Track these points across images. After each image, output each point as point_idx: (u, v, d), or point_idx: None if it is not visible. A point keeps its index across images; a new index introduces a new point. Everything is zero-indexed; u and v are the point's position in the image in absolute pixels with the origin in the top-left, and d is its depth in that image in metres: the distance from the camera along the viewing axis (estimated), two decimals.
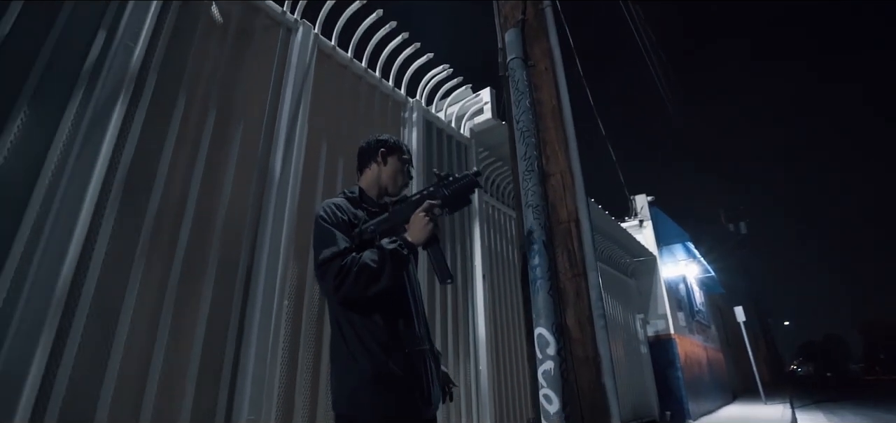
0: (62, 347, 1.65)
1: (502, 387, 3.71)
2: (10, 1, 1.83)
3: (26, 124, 1.75)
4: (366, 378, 1.37)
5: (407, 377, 1.43)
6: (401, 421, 1.37)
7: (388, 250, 1.40)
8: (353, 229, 1.54)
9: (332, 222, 1.51)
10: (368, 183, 1.71)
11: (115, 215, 1.88)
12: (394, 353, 1.42)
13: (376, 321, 1.44)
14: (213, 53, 2.41)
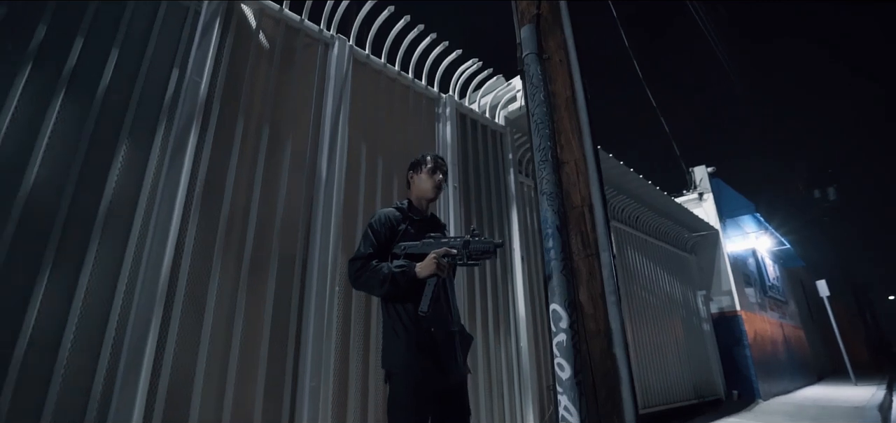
0: (167, 328, 2.09)
1: (542, 362, 3.87)
2: (111, 51, 2.29)
3: (127, 154, 2.20)
4: (402, 346, 1.80)
5: (431, 348, 1.73)
6: (423, 380, 1.74)
7: (393, 273, 1.79)
8: (394, 236, 1.93)
9: (374, 229, 1.94)
10: (413, 196, 2.10)
11: (197, 220, 2.30)
12: (422, 330, 1.78)
13: (410, 307, 1.84)
14: (263, 76, 2.78)
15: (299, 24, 3.02)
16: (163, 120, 2.32)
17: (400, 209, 2.04)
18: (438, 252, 1.80)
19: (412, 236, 1.99)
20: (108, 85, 2.22)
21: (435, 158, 2.10)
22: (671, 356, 6.99)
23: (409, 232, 2.00)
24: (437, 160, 2.09)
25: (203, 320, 2.22)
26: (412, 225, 2.00)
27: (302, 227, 2.71)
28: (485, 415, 3.31)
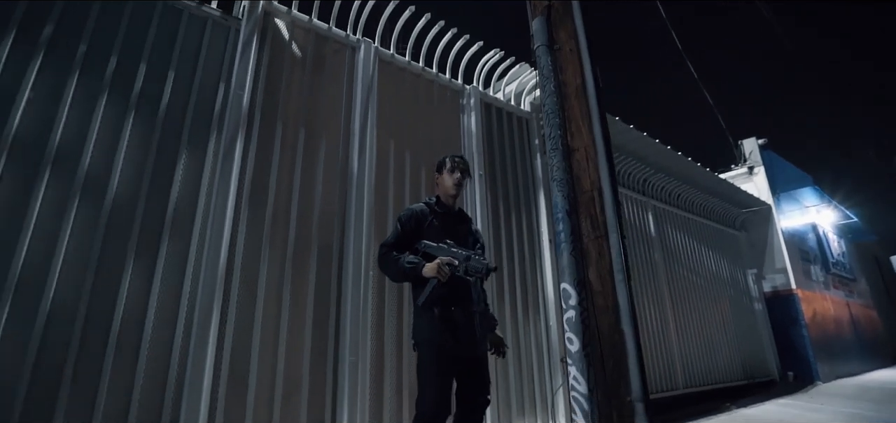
0: (227, 307, 2.43)
1: None
2: (169, 73, 2.64)
3: (186, 162, 2.54)
4: (426, 321, 2.01)
5: (452, 324, 1.99)
6: (445, 349, 1.96)
7: (405, 268, 2.02)
8: (421, 228, 2.16)
9: (401, 222, 2.16)
10: (440, 193, 2.29)
11: (246, 216, 2.62)
12: (444, 308, 2.00)
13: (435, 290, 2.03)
14: (297, 83, 3.06)
15: (327, 31, 3.27)
16: (213, 131, 2.65)
17: (428, 205, 2.26)
18: (442, 260, 1.98)
19: (437, 228, 2.18)
20: (168, 103, 2.57)
21: (453, 158, 2.27)
22: (718, 336, 6.80)
23: (434, 224, 2.19)
24: (455, 160, 2.26)
25: (256, 301, 2.55)
26: (438, 219, 2.20)
27: (337, 219, 2.98)
28: (515, 389, 3.48)
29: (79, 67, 2.38)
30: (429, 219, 2.20)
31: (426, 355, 1.98)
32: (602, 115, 2.29)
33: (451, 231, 2.19)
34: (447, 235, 2.15)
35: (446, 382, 1.97)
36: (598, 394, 1.94)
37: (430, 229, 2.17)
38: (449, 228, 2.19)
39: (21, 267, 2.03)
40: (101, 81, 2.43)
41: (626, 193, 6.13)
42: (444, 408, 1.91)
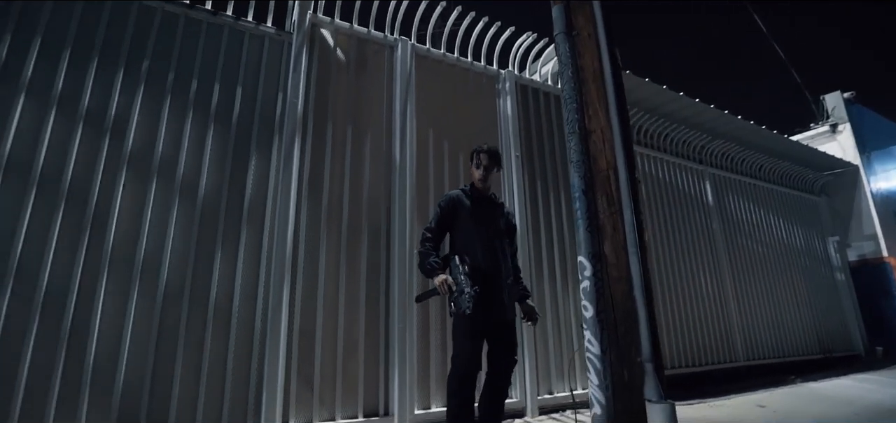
0: (295, 284, 2.90)
1: None
2: (237, 87, 3.11)
3: (256, 164, 3.02)
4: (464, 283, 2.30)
5: (482, 293, 2.25)
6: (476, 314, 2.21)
7: (427, 267, 2.35)
8: (457, 212, 2.45)
9: (441, 208, 2.48)
10: (472, 181, 2.57)
11: (306, 207, 3.06)
12: (477, 280, 2.28)
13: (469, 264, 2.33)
14: (343, 85, 3.43)
15: (367, 35, 3.60)
16: (275, 135, 3.10)
17: (463, 191, 2.55)
18: (446, 281, 2.26)
19: (470, 211, 2.45)
20: (238, 115, 3.05)
21: (479, 153, 2.53)
22: (788, 308, 6.44)
23: (466, 206, 2.46)
24: (480, 155, 2.51)
25: (317, 276, 3.00)
26: (471, 203, 2.48)
27: (384, 204, 3.35)
28: (554, 356, 3.70)
29: (169, 92, 2.92)
30: (464, 204, 2.48)
31: (460, 319, 2.29)
32: (618, 97, 2.39)
33: (482, 215, 2.46)
34: (478, 218, 2.43)
35: (477, 343, 2.26)
36: (611, 355, 2.13)
37: (464, 213, 2.45)
38: (480, 212, 2.46)
39: (143, 256, 2.62)
40: (186, 101, 2.95)
41: (679, 162, 5.94)
42: (474, 365, 2.21)
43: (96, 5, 2.86)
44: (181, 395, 2.55)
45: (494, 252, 2.42)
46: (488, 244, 2.40)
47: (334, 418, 2.83)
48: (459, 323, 2.29)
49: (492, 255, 2.41)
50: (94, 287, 2.50)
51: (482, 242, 2.38)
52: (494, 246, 2.44)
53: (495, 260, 2.41)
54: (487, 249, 2.37)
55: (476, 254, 2.35)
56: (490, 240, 2.42)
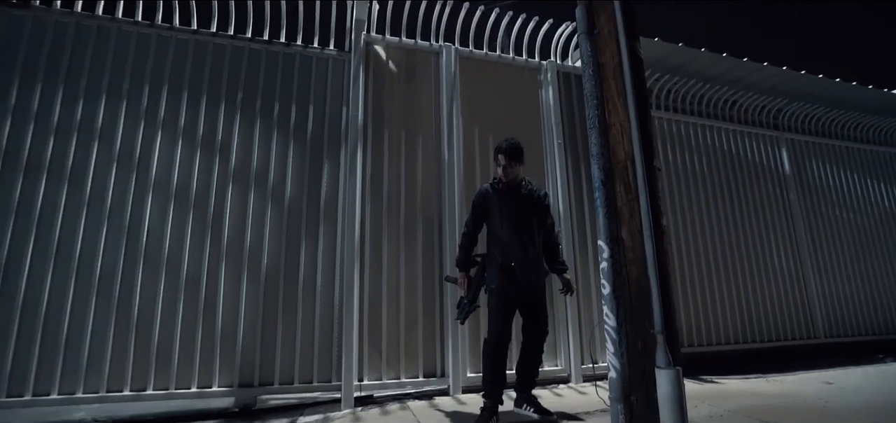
0: (364, 269, 3.49)
1: None
2: (309, 106, 3.73)
3: (328, 169, 3.63)
4: (495, 270, 2.74)
5: (510, 273, 2.67)
6: (506, 290, 2.66)
7: (457, 261, 2.87)
8: (488, 204, 2.85)
9: (474, 204, 2.92)
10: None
11: (370, 203, 3.62)
12: (506, 260, 2.70)
13: (497, 250, 2.75)
14: (396, 94, 3.91)
15: (414, 45, 4.03)
16: (342, 144, 3.68)
17: (492, 185, 2.89)
18: (467, 282, 2.81)
19: (497, 203, 2.81)
20: (312, 129, 3.68)
21: (497, 150, 2.85)
22: (882, 281, 5.86)
23: (494, 199, 2.83)
24: (498, 153, 2.84)
25: (381, 263, 3.57)
26: (499, 196, 2.83)
27: (436, 198, 3.80)
28: (599, 329, 3.94)
29: (259, 116, 3.61)
30: (491, 197, 2.85)
31: (493, 296, 2.70)
32: (636, 91, 2.57)
33: (509, 205, 2.79)
34: (504, 209, 2.78)
35: (507, 317, 2.66)
36: (626, 327, 2.39)
37: (492, 206, 2.82)
38: (506, 202, 2.80)
39: (249, 248, 3.36)
40: (271, 123, 3.63)
41: (749, 130, 5.64)
42: (504, 335, 2.62)
43: (201, 51, 3.61)
44: (282, 357, 3.27)
45: (521, 237, 2.74)
46: (515, 230, 2.74)
47: (399, 377, 3.41)
48: (491, 299, 2.70)
49: (518, 239, 2.73)
50: (216, 273, 3.28)
51: (509, 229, 2.73)
52: (521, 231, 2.76)
53: (522, 244, 2.73)
54: (514, 234, 2.72)
55: (503, 241, 2.72)
56: (517, 226, 2.75)
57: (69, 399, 2.91)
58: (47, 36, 3.35)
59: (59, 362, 2.93)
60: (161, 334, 3.11)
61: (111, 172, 3.27)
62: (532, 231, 2.83)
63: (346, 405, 3.12)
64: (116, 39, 3.47)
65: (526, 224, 2.82)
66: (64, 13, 3.41)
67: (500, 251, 2.74)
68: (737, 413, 2.79)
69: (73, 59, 3.36)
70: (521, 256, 2.71)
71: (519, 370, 2.77)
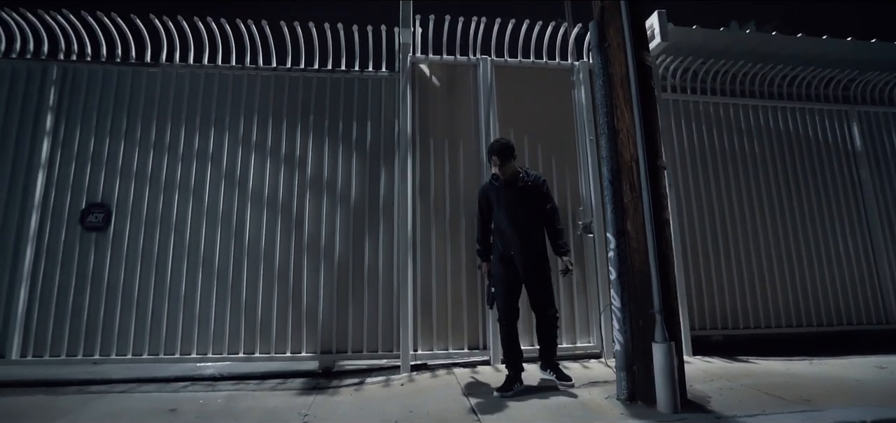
0: (416, 260, 4.14)
1: (692, 265, 4.36)
2: (367, 122, 4.42)
3: (385, 175, 4.31)
4: (496, 259, 3.25)
5: (508, 260, 3.16)
6: (504, 277, 3.14)
7: (477, 254, 3.41)
8: (490, 199, 3.30)
9: (478, 199, 3.41)
10: None
11: (419, 204, 4.24)
12: (505, 250, 3.18)
13: (498, 240, 3.25)
14: (439, 106, 4.46)
15: (454, 61, 4.53)
16: (395, 153, 4.33)
17: (492, 181, 3.25)
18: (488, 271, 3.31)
19: (497, 196, 3.23)
20: (370, 142, 4.37)
21: (488, 152, 3.27)
22: None
23: (492, 193, 3.27)
24: (490, 154, 3.23)
25: (430, 254, 4.19)
26: (497, 189, 3.24)
27: (476, 196, 4.30)
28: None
29: (327, 134, 4.37)
30: (491, 191, 3.28)
31: (497, 283, 3.19)
32: (641, 99, 2.87)
33: (506, 197, 3.20)
34: (502, 201, 3.20)
35: (509, 299, 3.13)
36: (630, 308, 2.77)
37: (493, 199, 3.26)
38: (504, 195, 3.21)
39: (324, 243, 4.15)
40: (337, 138, 4.37)
41: (813, 106, 5.39)
42: (511, 315, 3.10)
43: (281, 85, 4.44)
44: (353, 330, 4.04)
45: (518, 226, 3.14)
46: (513, 221, 3.14)
47: (447, 348, 4.03)
48: (496, 285, 3.20)
49: (516, 228, 3.14)
50: (300, 264, 4.11)
51: (507, 219, 3.15)
52: (519, 221, 3.15)
53: (519, 233, 3.13)
54: (511, 225, 3.13)
55: (503, 231, 3.19)
56: (514, 217, 3.14)
57: (203, 358, 3.92)
58: (171, 84, 4.36)
59: (195, 332, 3.94)
60: (262, 312, 4.01)
61: (220, 188, 4.21)
62: (530, 219, 3.18)
63: (403, 370, 3.80)
64: (218, 81, 4.40)
65: (524, 214, 3.17)
66: (182, 66, 4.40)
67: (501, 241, 3.21)
68: (747, 387, 3.02)
69: (189, 101, 4.34)
70: (518, 244, 3.12)
71: (539, 343, 3.24)
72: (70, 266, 3.96)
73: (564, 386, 3.08)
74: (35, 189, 4.03)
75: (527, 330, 3.92)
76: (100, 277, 3.97)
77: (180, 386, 3.62)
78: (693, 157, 4.92)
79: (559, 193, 4.39)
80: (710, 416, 2.41)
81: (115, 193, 4.11)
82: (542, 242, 3.23)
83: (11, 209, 3.99)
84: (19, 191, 4.03)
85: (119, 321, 3.90)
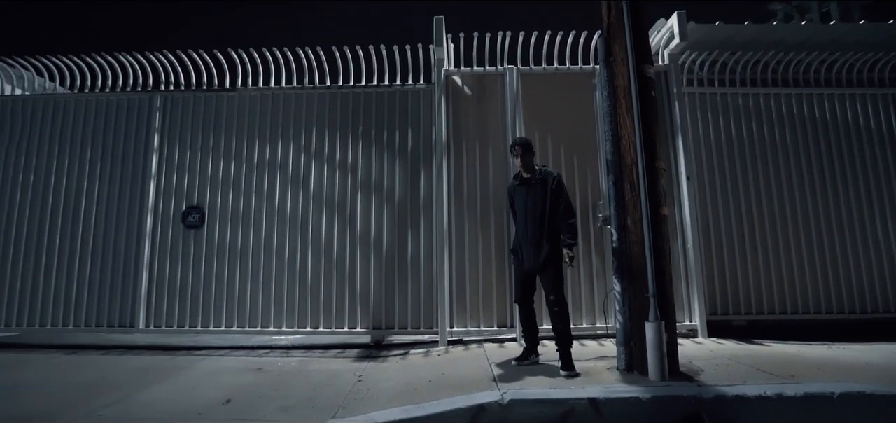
0: (452, 252, 4.75)
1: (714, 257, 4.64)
2: (408, 130, 5.05)
3: (424, 176, 4.94)
4: (513, 251, 3.73)
5: (518, 253, 3.61)
6: (517, 266, 3.61)
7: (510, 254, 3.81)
8: (511, 196, 3.78)
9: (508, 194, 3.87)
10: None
11: (454, 202, 4.84)
12: (516, 245, 3.67)
13: (516, 233, 3.71)
14: (471, 112, 5.00)
15: (484, 72, 5.03)
16: (431, 158, 4.94)
17: (516, 177, 3.74)
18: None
19: (517, 191, 3.67)
20: (411, 147, 5.00)
21: (511, 146, 3.74)
22: None
23: (513, 190, 3.75)
24: (513, 147, 3.70)
25: (464, 244, 4.78)
26: (517, 185, 3.69)
27: (504, 194, 4.83)
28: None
29: (374, 142, 5.06)
30: (512, 190, 3.76)
31: (514, 272, 3.70)
32: (641, 108, 3.25)
33: (523, 192, 3.61)
34: (520, 195, 3.62)
35: (520, 286, 3.58)
36: (629, 292, 3.20)
37: (514, 196, 3.71)
38: (521, 193, 3.62)
39: (373, 236, 4.86)
40: (382, 144, 5.05)
41: (851, 91, 5.31)
42: (521, 297, 3.57)
43: (335, 100, 5.17)
44: (398, 310, 4.74)
45: (527, 221, 3.51)
46: (524, 217, 3.54)
47: (479, 326, 4.63)
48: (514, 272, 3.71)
49: (525, 224, 3.52)
50: (354, 253, 4.87)
51: (523, 212, 3.56)
52: (529, 216, 3.51)
53: (527, 228, 3.50)
54: (525, 217, 3.53)
55: (517, 226, 3.65)
56: (526, 213, 3.53)
57: (278, 331, 4.80)
58: (246, 105, 5.23)
59: (271, 310, 4.82)
60: (324, 294, 4.81)
61: (288, 190, 5.04)
62: (539, 215, 3.48)
63: (441, 344, 4.46)
64: (283, 101, 5.22)
65: (534, 210, 3.50)
66: (254, 89, 5.26)
67: (516, 235, 3.68)
68: (743, 365, 3.36)
69: (260, 118, 5.19)
70: (526, 238, 3.51)
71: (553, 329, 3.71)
72: (176, 256, 4.97)
73: (565, 374, 3.18)
74: (148, 196, 5.07)
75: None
76: (198, 264, 4.95)
77: (262, 353, 4.51)
78: (719, 147, 5.09)
79: (580, 187, 4.80)
80: (692, 384, 2.83)
81: (206, 196, 5.07)
82: (553, 236, 3.51)
83: (132, 212, 5.06)
84: (137, 197, 5.09)
85: (214, 300, 4.87)
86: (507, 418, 2.53)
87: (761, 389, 2.64)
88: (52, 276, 5.00)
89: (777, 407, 2.55)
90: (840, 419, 2.52)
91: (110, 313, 4.92)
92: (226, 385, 3.43)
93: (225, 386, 3.41)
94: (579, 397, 2.59)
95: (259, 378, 3.60)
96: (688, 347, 4.08)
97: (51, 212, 5.13)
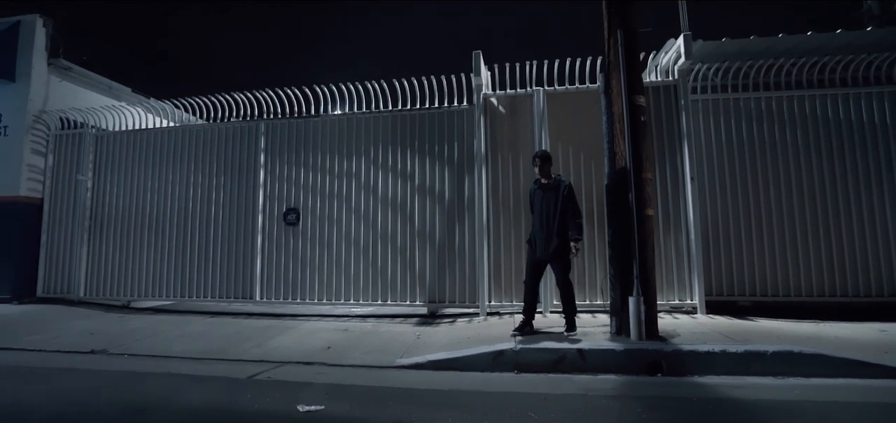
0: (490, 245, 5.90)
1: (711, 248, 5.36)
2: (455, 143, 6.23)
3: (468, 182, 6.11)
4: (529, 242, 4.78)
5: (533, 243, 4.67)
6: (531, 255, 4.68)
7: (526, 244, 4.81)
8: (533, 197, 4.81)
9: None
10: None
11: (491, 202, 5.96)
12: (531, 237, 4.73)
13: (533, 228, 4.75)
14: (505, 128, 6.06)
15: (515, 93, 6.06)
16: (473, 166, 6.08)
17: (535, 182, 4.78)
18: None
19: (535, 194, 4.69)
20: (456, 158, 6.18)
21: (534, 156, 4.74)
22: None
23: (531, 193, 4.78)
24: (534, 158, 4.70)
25: (500, 237, 5.90)
26: (536, 190, 4.70)
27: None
28: (665, 286, 5.44)
29: (427, 154, 6.30)
30: (532, 191, 4.78)
31: (527, 259, 4.74)
32: (632, 131, 4.17)
33: (540, 198, 4.60)
34: (537, 198, 4.61)
35: (530, 270, 4.62)
36: (620, 275, 4.17)
37: (533, 198, 4.72)
38: (539, 196, 4.63)
39: (427, 231, 6.13)
40: (434, 156, 6.27)
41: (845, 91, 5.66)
42: (530, 277, 4.61)
43: (394, 121, 6.46)
44: (448, 288, 5.99)
45: (542, 219, 4.50)
46: (540, 215, 4.52)
47: (512, 301, 5.76)
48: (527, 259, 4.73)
49: (541, 221, 4.51)
50: (413, 244, 6.17)
51: (538, 213, 4.55)
52: (544, 215, 4.50)
53: (541, 224, 4.50)
54: (541, 215, 4.52)
55: (534, 222, 4.64)
56: (542, 212, 4.50)
57: (356, 303, 6.26)
58: (327, 128, 6.67)
59: (350, 287, 6.27)
60: (390, 275, 6.17)
61: (361, 194, 6.43)
62: (549, 214, 4.48)
63: (481, 315, 5.65)
64: (356, 123, 6.60)
65: (548, 210, 4.50)
66: (333, 115, 6.69)
67: (532, 229, 4.69)
68: (718, 334, 4.22)
69: (340, 137, 6.61)
70: (540, 232, 4.53)
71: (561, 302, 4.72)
72: (280, 247, 6.56)
73: (567, 334, 4.23)
74: (259, 201, 6.70)
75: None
76: (296, 253, 6.50)
77: (345, 319, 5.96)
78: (730, 147, 5.72)
79: (597, 188, 5.71)
80: (662, 343, 3.78)
81: (301, 200, 6.60)
82: (562, 232, 4.48)
83: (248, 213, 6.72)
84: (251, 202, 6.73)
85: (308, 280, 6.41)
86: (518, 360, 3.67)
87: (710, 346, 3.55)
88: (195, 261, 6.81)
89: (721, 360, 3.46)
90: (771, 370, 3.38)
91: (235, 288, 6.64)
92: (324, 339, 4.86)
93: (324, 339, 4.84)
94: (570, 347, 3.67)
95: (346, 336, 5.00)
96: (682, 320, 4.94)
97: (191, 214, 6.93)
